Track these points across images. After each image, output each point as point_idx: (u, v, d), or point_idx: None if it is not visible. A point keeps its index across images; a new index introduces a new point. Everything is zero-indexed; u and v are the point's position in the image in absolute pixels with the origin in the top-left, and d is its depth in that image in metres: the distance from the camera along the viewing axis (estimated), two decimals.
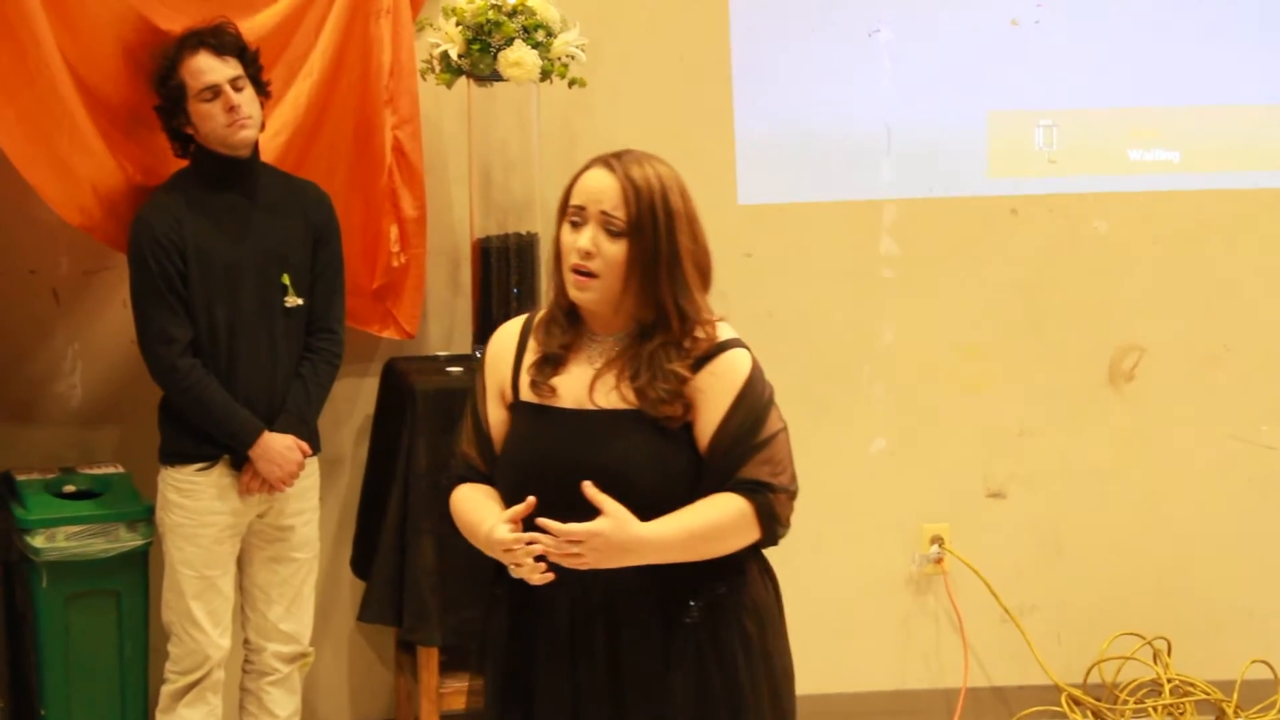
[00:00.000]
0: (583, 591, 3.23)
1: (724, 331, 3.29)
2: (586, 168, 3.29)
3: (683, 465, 3.23)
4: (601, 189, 3.23)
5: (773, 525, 3.25)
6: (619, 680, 3.25)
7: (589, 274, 3.24)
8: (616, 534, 3.15)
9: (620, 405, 3.24)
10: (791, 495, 3.29)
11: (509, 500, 3.28)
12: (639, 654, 3.24)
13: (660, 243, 3.22)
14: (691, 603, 3.24)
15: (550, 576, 3.18)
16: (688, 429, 3.24)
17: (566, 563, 3.16)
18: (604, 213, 3.23)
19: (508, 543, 3.19)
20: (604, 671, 3.25)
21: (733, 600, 3.28)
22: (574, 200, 3.27)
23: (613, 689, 3.25)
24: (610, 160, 3.26)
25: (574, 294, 3.26)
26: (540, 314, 3.37)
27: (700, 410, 3.23)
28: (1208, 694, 5.58)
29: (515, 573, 3.21)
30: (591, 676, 3.25)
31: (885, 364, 5.55)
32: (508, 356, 3.37)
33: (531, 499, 3.20)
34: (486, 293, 5.07)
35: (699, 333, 3.25)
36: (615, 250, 3.23)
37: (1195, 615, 5.64)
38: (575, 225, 3.26)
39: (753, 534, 3.24)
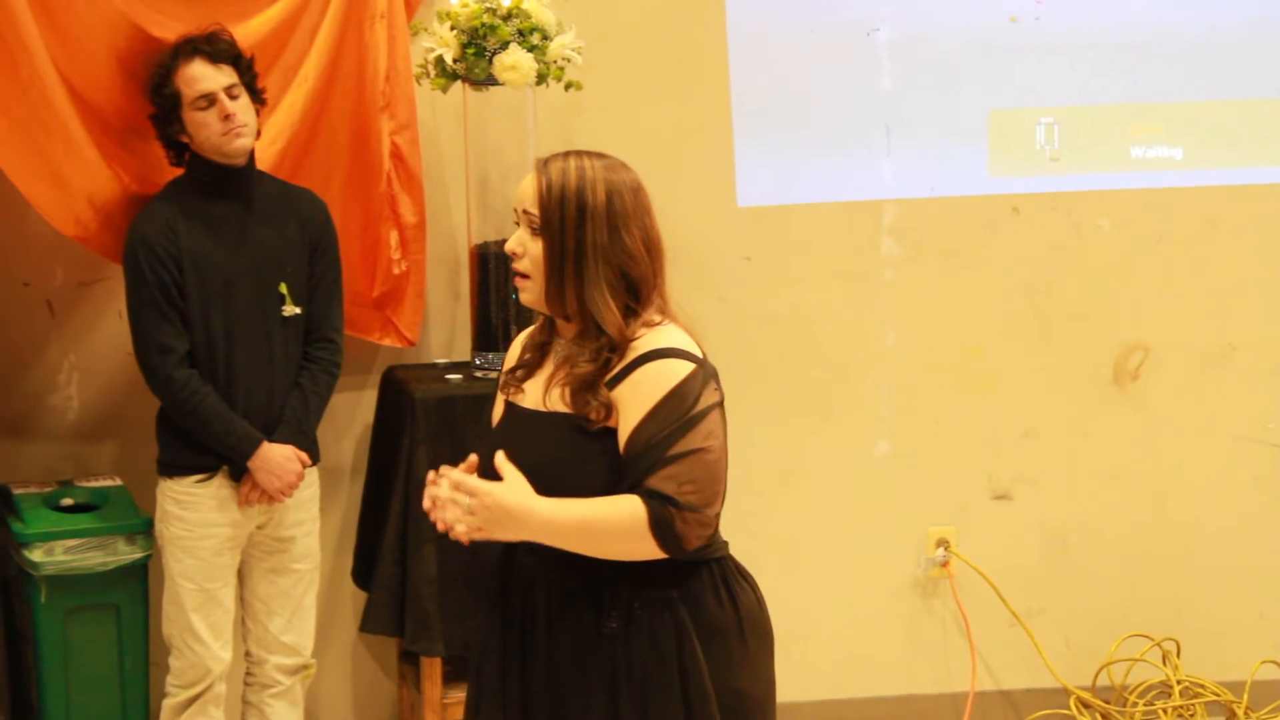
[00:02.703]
0: (531, 595, 3.26)
1: (662, 338, 3.24)
2: None
3: (602, 469, 3.20)
4: (524, 188, 3.27)
5: (670, 538, 3.16)
6: (556, 684, 3.26)
7: (522, 275, 3.26)
8: (508, 497, 3.14)
9: (561, 408, 3.25)
10: (702, 518, 3.18)
11: None
12: (569, 661, 3.26)
13: (566, 238, 3.21)
14: (613, 612, 3.23)
15: (455, 530, 3.16)
16: (612, 434, 3.21)
17: (459, 522, 3.14)
18: (525, 211, 3.26)
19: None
20: (542, 674, 3.27)
21: (649, 615, 3.23)
22: (513, 204, 3.31)
23: (550, 693, 3.27)
24: (543, 159, 3.28)
25: (519, 297, 3.30)
26: None
27: (620, 417, 3.21)
28: (1218, 695, 5.55)
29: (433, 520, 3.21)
30: (534, 679, 3.28)
31: (888, 366, 5.52)
32: (513, 357, 3.42)
33: (473, 457, 3.26)
34: (485, 299, 5.05)
35: (633, 336, 3.22)
36: (536, 248, 3.25)
37: (1204, 616, 5.62)
38: (517, 227, 3.30)
39: (648, 543, 3.16)
